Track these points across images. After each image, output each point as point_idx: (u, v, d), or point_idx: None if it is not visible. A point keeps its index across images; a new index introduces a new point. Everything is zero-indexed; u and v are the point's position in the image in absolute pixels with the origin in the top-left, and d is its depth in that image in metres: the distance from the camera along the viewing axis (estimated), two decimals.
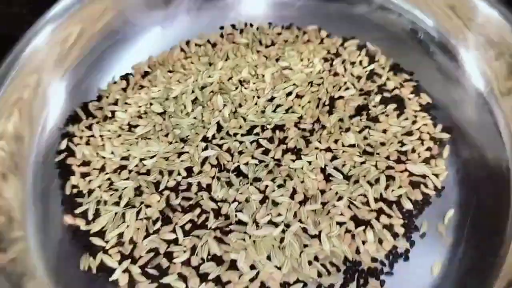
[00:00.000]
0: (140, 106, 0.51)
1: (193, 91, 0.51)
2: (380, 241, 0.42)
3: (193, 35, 0.58)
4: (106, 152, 0.48)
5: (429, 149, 0.47)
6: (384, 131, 0.48)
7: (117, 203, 0.44)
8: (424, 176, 0.45)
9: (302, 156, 0.46)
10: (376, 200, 0.43)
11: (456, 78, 0.53)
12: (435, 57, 0.55)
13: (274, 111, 0.49)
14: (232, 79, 0.53)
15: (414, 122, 0.49)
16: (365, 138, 0.47)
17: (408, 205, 0.43)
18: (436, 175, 0.45)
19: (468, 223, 0.43)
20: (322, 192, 0.43)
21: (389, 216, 0.43)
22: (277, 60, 0.54)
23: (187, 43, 0.58)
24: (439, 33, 0.55)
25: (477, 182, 0.45)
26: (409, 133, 0.48)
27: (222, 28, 0.59)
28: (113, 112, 0.51)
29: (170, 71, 0.55)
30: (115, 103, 0.52)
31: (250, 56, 0.55)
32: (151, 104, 0.51)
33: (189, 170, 0.46)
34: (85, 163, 0.48)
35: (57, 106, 0.52)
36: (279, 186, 0.44)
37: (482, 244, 0.42)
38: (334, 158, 0.46)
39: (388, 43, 0.56)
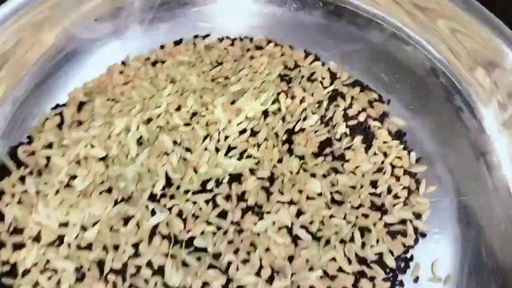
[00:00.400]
0: (78, 149, 0.44)
1: (138, 127, 0.45)
2: None
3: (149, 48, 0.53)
4: (41, 216, 0.41)
5: (406, 188, 0.42)
6: (353, 172, 0.43)
7: None
8: (404, 221, 0.40)
9: (264, 215, 0.40)
10: (351, 261, 0.39)
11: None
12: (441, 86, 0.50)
13: (226, 154, 0.44)
14: (180, 110, 0.46)
15: (385, 155, 0.44)
16: (332, 184, 0.42)
17: (391, 262, 0.39)
18: (418, 215, 0.41)
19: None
20: (291, 259, 0.38)
21: (372, 278, 0.38)
22: (225, 85, 0.48)
23: (124, 64, 0.51)
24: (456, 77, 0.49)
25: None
26: (381, 170, 0.43)
27: (162, 47, 0.53)
28: (48, 158, 0.44)
29: (110, 99, 0.48)
30: (50, 146, 0.45)
31: (195, 78, 0.49)
32: (91, 145, 0.44)
33: (137, 244, 0.39)
34: (17, 230, 0.41)
35: None
36: (243, 261, 0.38)
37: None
38: (300, 213, 0.40)
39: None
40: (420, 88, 0.50)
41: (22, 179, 0.43)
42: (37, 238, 0.40)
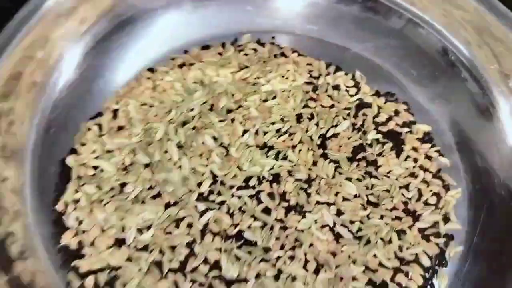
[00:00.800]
0: (123, 156, 0.46)
1: (176, 131, 0.47)
2: None
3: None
4: (99, 221, 0.43)
5: (435, 194, 0.45)
6: (386, 176, 0.46)
7: None
8: (435, 224, 0.44)
9: (306, 214, 0.43)
10: (390, 259, 0.42)
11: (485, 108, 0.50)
12: (466, 84, 0.51)
13: (265, 152, 0.46)
14: (213, 110, 0.49)
15: (415, 160, 0.47)
16: (367, 187, 0.45)
17: (426, 262, 0.42)
18: (447, 219, 0.45)
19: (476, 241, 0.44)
20: (334, 254, 0.42)
21: (407, 274, 0.41)
22: (254, 84, 0.51)
23: (151, 70, 0.53)
24: (469, 59, 0.51)
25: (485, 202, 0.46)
26: (412, 175, 0.46)
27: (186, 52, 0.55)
28: (95, 168, 0.46)
29: (143, 104, 0.50)
30: (94, 154, 0.47)
31: (224, 79, 0.51)
32: (134, 152, 0.46)
33: (190, 244, 0.42)
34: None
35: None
36: (291, 257, 0.41)
37: (490, 263, 0.43)
38: (339, 213, 0.44)
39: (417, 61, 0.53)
40: (447, 82, 0.52)
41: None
42: (96, 243, 0.42)
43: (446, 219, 0.44)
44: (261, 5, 0.57)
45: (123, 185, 0.45)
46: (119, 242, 0.42)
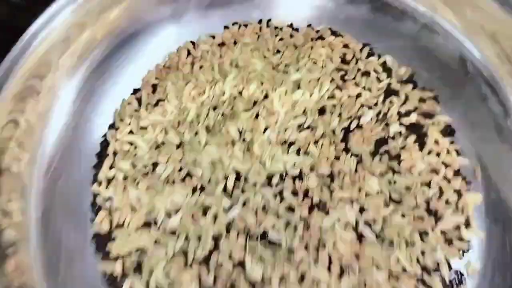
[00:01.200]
0: (155, 134, 0.49)
1: (207, 115, 0.49)
2: None
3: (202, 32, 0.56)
4: (132, 200, 0.46)
5: (456, 191, 0.46)
6: (409, 171, 0.46)
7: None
8: (458, 227, 0.44)
9: (330, 211, 0.44)
10: (413, 263, 0.42)
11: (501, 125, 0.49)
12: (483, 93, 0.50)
13: (286, 149, 0.47)
14: (242, 95, 0.50)
15: (437, 154, 0.47)
16: (389, 183, 0.45)
17: (446, 273, 0.43)
18: (468, 224, 0.45)
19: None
20: (357, 257, 0.42)
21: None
22: (284, 73, 0.51)
23: (193, 44, 0.55)
24: (486, 68, 0.50)
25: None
26: (434, 170, 0.46)
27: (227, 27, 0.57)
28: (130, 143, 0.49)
29: (181, 79, 0.52)
30: (131, 131, 0.50)
31: (258, 63, 0.52)
32: (166, 131, 0.49)
33: (216, 238, 0.43)
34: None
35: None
36: (314, 260, 0.42)
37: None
38: (362, 210, 0.44)
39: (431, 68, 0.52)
40: (457, 84, 0.51)
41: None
42: (127, 223, 0.45)
43: (467, 224, 0.45)
44: (266, 12, 0.57)
45: (155, 164, 0.47)
46: (148, 225, 0.44)
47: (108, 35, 0.54)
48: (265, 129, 0.48)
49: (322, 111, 0.49)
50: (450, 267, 0.43)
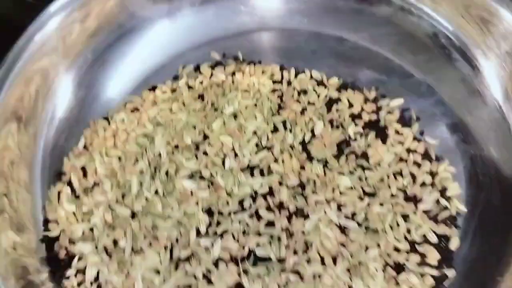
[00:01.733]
0: (101, 214, 0.44)
1: (151, 182, 0.45)
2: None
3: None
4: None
5: (429, 173, 0.45)
6: (378, 164, 0.45)
7: None
8: (438, 203, 0.44)
9: (309, 215, 0.42)
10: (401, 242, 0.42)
11: (475, 87, 0.50)
12: (456, 64, 0.52)
13: (250, 173, 0.45)
14: (180, 149, 0.47)
15: (401, 143, 0.47)
16: (360, 179, 0.44)
17: (434, 239, 0.42)
18: (449, 198, 0.44)
19: (475, 221, 0.44)
20: (345, 246, 0.41)
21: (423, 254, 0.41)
22: (215, 109, 0.49)
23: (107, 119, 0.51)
24: (459, 38, 0.52)
25: (485, 180, 0.46)
26: (402, 159, 0.46)
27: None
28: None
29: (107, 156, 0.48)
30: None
31: (180, 113, 0.49)
32: (111, 209, 0.44)
33: (207, 276, 0.41)
34: None
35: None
36: (307, 260, 0.40)
37: (489, 242, 0.43)
38: (340, 207, 0.43)
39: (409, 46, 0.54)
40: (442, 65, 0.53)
41: None
42: None
43: (447, 198, 0.44)
44: (252, 4, 0.57)
45: (115, 242, 0.42)
46: None
47: (103, 31, 0.53)
48: (223, 162, 0.46)
49: (274, 131, 0.48)
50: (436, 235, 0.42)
